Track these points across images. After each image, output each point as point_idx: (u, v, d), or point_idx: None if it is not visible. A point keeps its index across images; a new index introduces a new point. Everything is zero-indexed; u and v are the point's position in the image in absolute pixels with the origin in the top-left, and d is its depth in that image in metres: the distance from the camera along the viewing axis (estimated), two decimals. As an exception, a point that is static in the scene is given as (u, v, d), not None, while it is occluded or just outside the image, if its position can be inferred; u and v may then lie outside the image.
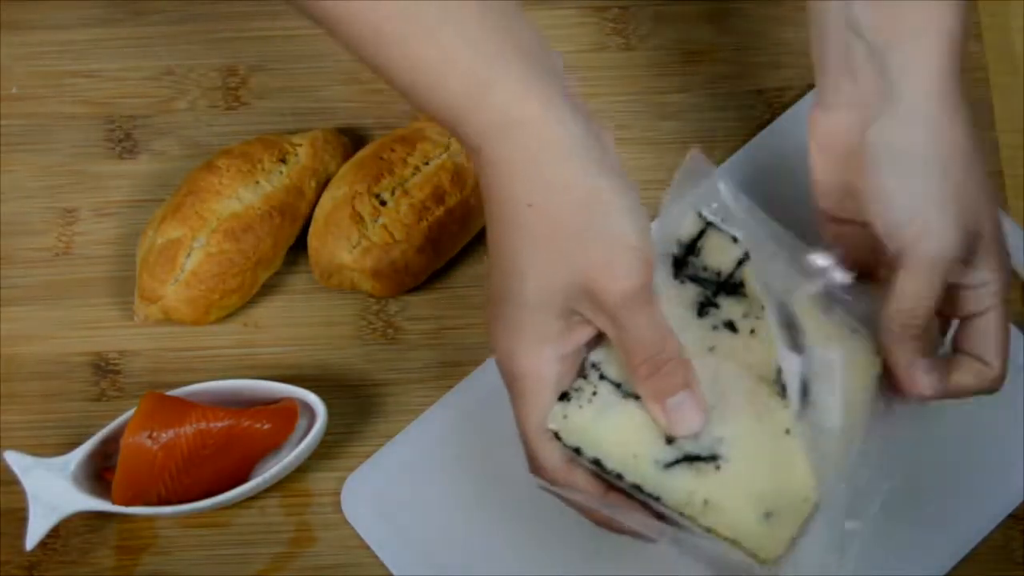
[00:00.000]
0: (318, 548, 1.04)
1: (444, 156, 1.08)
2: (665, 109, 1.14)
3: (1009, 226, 1.05)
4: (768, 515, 0.87)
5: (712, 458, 0.88)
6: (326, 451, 1.05)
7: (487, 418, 1.05)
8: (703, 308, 0.90)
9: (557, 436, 0.88)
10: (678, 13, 1.16)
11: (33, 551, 1.02)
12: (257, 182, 1.08)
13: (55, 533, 1.03)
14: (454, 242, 1.09)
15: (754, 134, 1.13)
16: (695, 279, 0.91)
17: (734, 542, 0.87)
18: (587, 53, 1.16)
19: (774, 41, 1.16)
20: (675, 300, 0.90)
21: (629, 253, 0.85)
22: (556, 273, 0.85)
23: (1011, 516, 1.02)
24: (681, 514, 0.88)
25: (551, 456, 0.89)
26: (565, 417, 0.88)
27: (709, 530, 0.87)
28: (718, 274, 0.91)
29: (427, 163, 1.08)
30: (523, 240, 0.85)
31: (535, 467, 0.90)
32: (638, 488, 0.88)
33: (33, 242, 1.12)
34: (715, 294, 0.90)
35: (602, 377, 0.88)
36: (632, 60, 1.15)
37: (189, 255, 1.06)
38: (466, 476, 1.04)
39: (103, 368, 1.08)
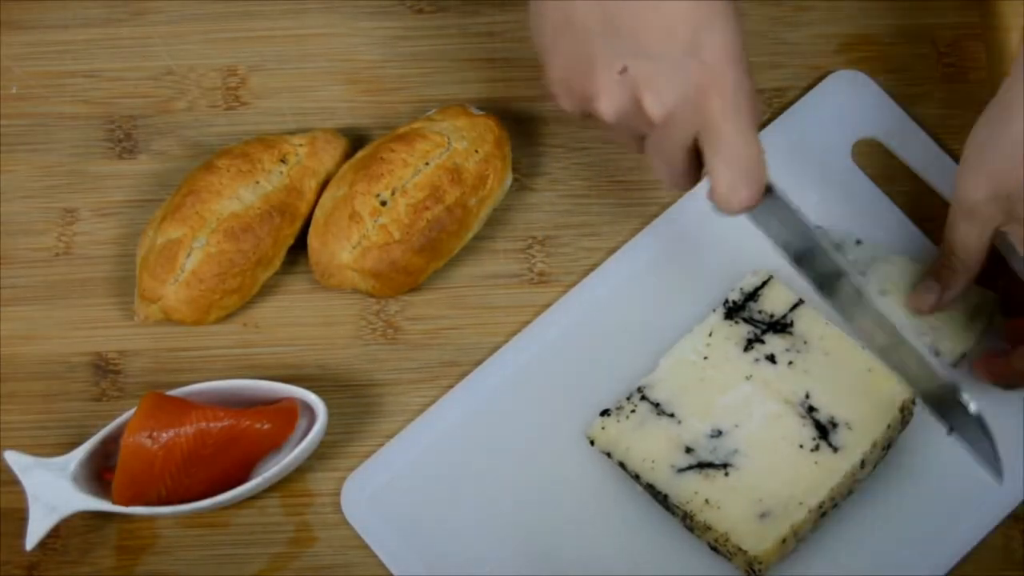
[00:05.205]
0: (318, 548, 1.04)
1: (443, 156, 1.08)
2: (665, 109, 1.14)
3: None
4: (763, 515, 0.97)
5: (724, 466, 0.99)
6: (326, 451, 1.05)
7: (487, 418, 1.05)
8: (750, 344, 1.03)
9: (592, 442, 1.02)
10: (678, 13, 1.16)
11: (33, 551, 1.02)
12: (257, 182, 1.08)
13: (55, 533, 1.03)
14: (454, 242, 1.09)
15: (754, 134, 1.12)
16: (748, 320, 1.03)
17: (726, 536, 0.97)
18: (587, 53, 1.15)
19: (774, 41, 1.16)
20: (723, 335, 1.03)
21: None
22: None
23: (1011, 516, 1.02)
24: (682, 510, 0.98)
25: None
26: (603, 428, 1.01)
27: (705, 524, 0.98)
28: (771, 316, 1.03)
29: (427, 163, 1.08)
30: None
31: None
32: (651, 487, 1.00)
33: (33, 242, 1.12)
34: (763, 332, 1.02)
35: (643, 398, 1.01)
36: (632, 60, 1.15)
37: (189, 255, 1.06)
38: (466, 476, 1.04)
39: (103, 368, 1.08)
